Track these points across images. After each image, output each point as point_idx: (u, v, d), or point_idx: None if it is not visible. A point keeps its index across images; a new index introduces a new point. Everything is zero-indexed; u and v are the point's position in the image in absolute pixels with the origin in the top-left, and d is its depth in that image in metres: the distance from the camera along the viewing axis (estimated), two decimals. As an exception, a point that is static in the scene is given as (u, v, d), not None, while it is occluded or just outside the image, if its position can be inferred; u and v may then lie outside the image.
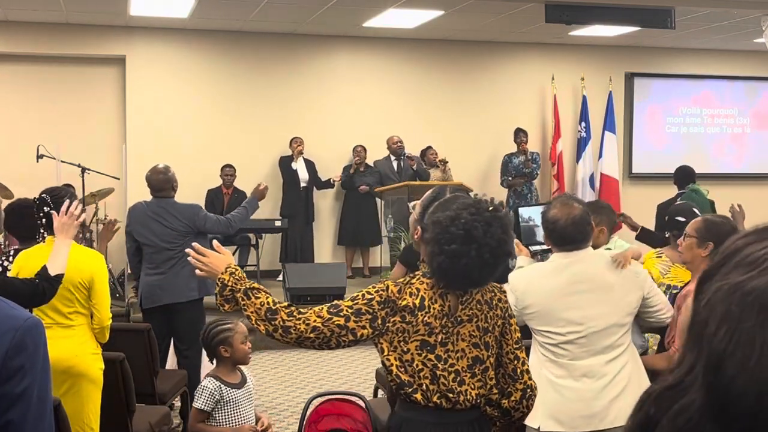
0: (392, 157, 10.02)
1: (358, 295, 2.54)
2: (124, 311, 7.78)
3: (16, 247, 4.21)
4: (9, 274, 3.83)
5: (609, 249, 4.18)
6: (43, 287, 3.29)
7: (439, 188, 2.76)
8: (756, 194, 11.56)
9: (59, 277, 3.37)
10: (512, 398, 2.65)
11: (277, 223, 9.47)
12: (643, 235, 5.79)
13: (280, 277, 9.26)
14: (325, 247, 10.56)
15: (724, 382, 0.70)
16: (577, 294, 3.28)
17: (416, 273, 2.59)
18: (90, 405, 3.79)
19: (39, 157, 8.54)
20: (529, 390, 2.65)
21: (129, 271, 7.23)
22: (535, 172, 10.26)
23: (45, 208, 3.83)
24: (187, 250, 2.68)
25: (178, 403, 5.45)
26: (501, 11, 9.16)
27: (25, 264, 3.69)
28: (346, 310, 2.49)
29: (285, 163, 10.07)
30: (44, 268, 3.34)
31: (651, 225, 6.60)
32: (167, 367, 5.60)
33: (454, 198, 2.58)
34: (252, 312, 2.50)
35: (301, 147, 10.03)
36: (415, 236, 2.69)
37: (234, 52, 10.35)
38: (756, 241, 0.74)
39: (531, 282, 3.39)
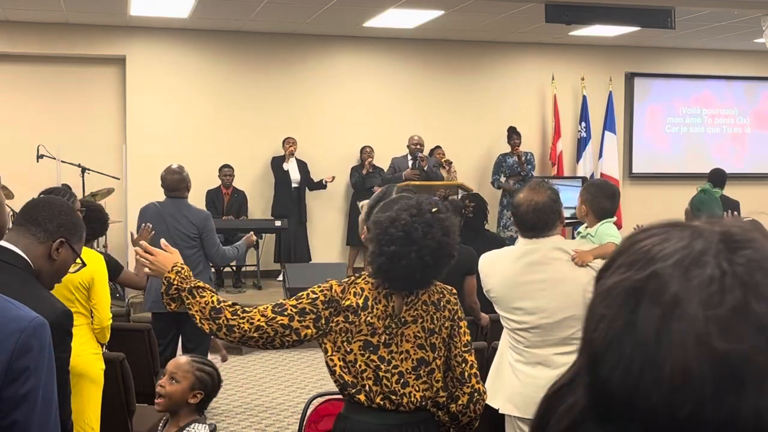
0: (409, 157, 10.00)
1: (302, 295, 2.52)
2: (124, 311, 7.78)
3: None
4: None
5: (591, 234, 4.13)
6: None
7: (386, 188, 2.76)
8: (756, 194, 11.57)
9: None
10: (459, 402, 2.60)
11: (278, 223, 9.47)
12: None
13: (280, 277, 9.26)
14: (321, 246, 10.54)
15: (599, 382, 0.71)
16: (530, 284, 3.20)
17: (362, 272, 2.58)
18: (91, 405, 3.79)
19: (39, 157, 8.55)
20: (476, 394, 2.60)
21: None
22: (530, 173, 10.24)
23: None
24: (135, 248, 2.69)
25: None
26: (501, 11, 9.16)
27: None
28: (290, 310, 2.48)
29: (277, 163, 10.07)
30: None
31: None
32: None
33: (397, 198, 2.57)
34: (197, 311, 2.50)
35: (293, 147, 10.00)
36: (362, 236, 2.68)
37: (234, 52, 10.35)
38: (643, 239, 0.74)
39: (493, 265, 3.35)
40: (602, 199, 4.13)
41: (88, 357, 3.82)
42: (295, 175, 10.03)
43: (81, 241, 2.50)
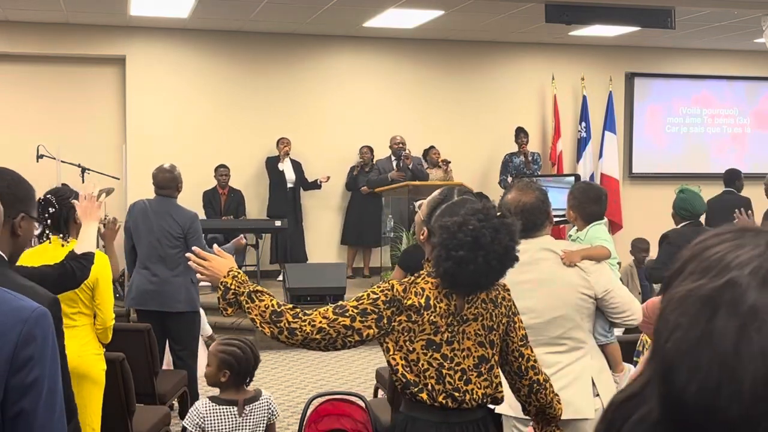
0: (393, 157, 10.02)
1: (363, 295, 2.53)
2: (124, 311, 7.77)
3: None
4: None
5: (579, 238, 4.14)
6: (72, 266, 3.24)
7: (446, 190, 2.74)
8: (756, 194, 11.55)
9: (89, 255, 3.32)
10: (521, 393, 2.69)
11: (277, 224, 9.46)
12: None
13: (280, 277, 9.26)
14: (317, 247, 10.53)
15: (675, 392, 0.69)
16: (519, 284, 3.15)
17: (421, 272, 2.58)
18: (92, 405, 3.80)
19: (39, 157, 8.54)
20: (536, 384, 2.67)
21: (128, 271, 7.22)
22: (536, 173, 10.25)
23: (50, 208, 3.83)
24: (188, 254, 2.67)
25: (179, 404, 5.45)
26: (501, 11, 9.16)
27: (29, 263, 3.69)
28: (352, 311, 2.48)
29: (272, 163, 10.06)
30: (72, 251, 3.32)
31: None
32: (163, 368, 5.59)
33: (462, 202, 2.57)
34: (256, 315, 2.49)
35: (287, 147, 9.99)
36: (422, 237, 2.68)
37: (234, 52, 10.35)
38: (714, 245, 0.72)
39: None
40: (587, 204, 4.14)
41: (89, 357, 3.82)
42: (290, 176, 10.02)
43: (35, 207, 2.46)
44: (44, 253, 3.69)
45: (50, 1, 8.70)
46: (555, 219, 3.41)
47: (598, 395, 3.19)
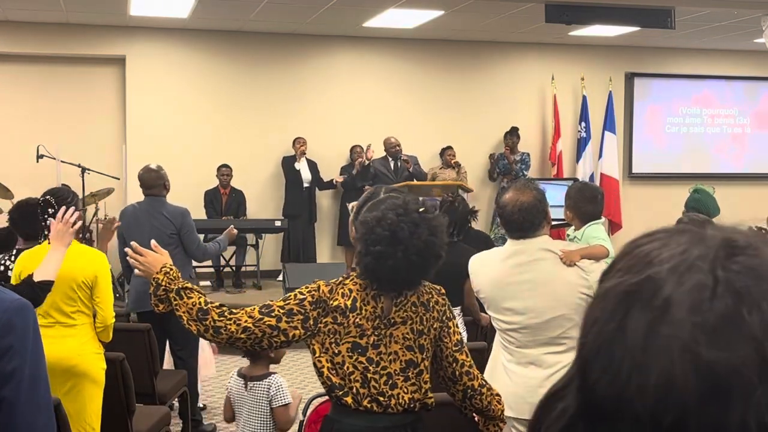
0: (390, 159, 10.02)
1: (290, 295, 2.51)
2: (124, 311, 7.77)
3: (19, 247, 4.22)
4: (11, 274, 3.84)
5: (577, 237, 4.15)
6: (20, 292, 3.26)
7: (375, 188, 2.75)
8: (756, 194, 11.58)
9: (46, 285, 3.25)
10: (456, 398, 2.65)
11: (277, 223, 9.47)
12: None
13: (280, 277, 9.26)
14: (326, 247, 10.56)
15: (588, 385, 0.69)
16: (518, 284, 3.21)
17: (351, 273, 2.56)
18: (92, 405, 3.80)
19: (39, 157, 8.54)
20: (470, 390, 2.62)
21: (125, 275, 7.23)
22: (520, 173, 10.23)
23: (49, 209, 3.84)
24: (126, 248, 2.68)
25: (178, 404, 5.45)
26: (501, 11, 9.16)
27: (27, 264, 3.69)
28: (278, 311, 2.47)
29: (288, 163, 10.08)
30: (30, 275, 3.27)
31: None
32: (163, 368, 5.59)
33: (384, 198, 2.56)
34: (184, 312, 2.50)
35: (303, 147, 10.03)
36: (351, 236, 2.68)
37: (234, 52, 10.36)
38: (644, 243, 0.73)
39: (482, 266, 3.36)
40: (583, 204, 4.15)
41: (89, 356, 3.82)
42: (306, 175, 10.05)
43: None
44: (42, 254, 3.69)
45: (50, 1, 8.70)
46: (553, 221, 3.42)
47: None
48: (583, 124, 11.28)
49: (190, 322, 2.48)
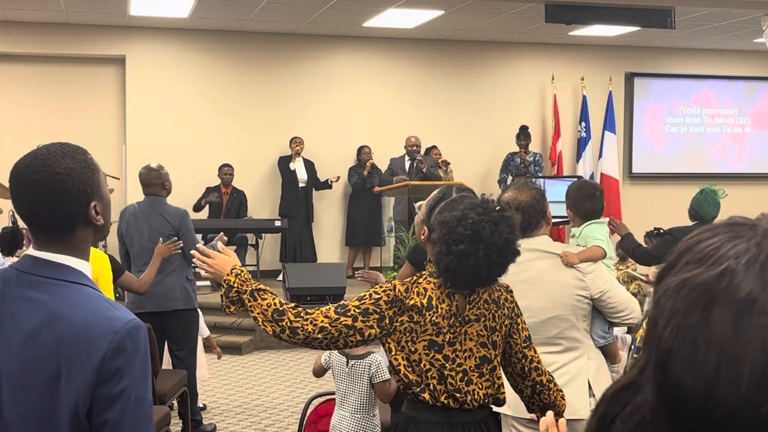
0: (407, 158, 10.01)
1: (365, 295, 2.53)
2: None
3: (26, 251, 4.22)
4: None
5: (574, 235, 4.15)
6: None
7: (445, 188, 2.75)
8: (756, 194, 11.57)
9: None
10: (524, 394, 2.70)
11: (277, 223, 9.47)
12: (625, 242, 5.58)
13: (280, 277, 9.26)
14: (325, 246, 10.56)
15: (671, 381, 0.70)
16: (515, 284, 3.15)
17: (423, 273, 2.58)
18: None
19: (39, 157, 8.54)
20: (539, 386, 2.67)
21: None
22: (535, 175, 10.23)
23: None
24: (192, 251, 2.68)
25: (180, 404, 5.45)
26: (501, 11, 9.16)
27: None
28: (354, 310, 2.48)
29: (284, 163, 10.07)
30: None
31: (651, 224, 6.57)
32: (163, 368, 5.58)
33: (460, 198, 2.58)
34: (259, 313, 2.49)
35: (300, 147, 10.02)
36: (422, 237, 2.68)
37: (234, 52, 10.36)
38: (708, 237, 0.74)
39: None
40: (582, 202, 4.14)
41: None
42: (302, 175, 10.04)
43: None
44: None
45: (50, 1, 8.71)
46: (555, 218, 3.42)
47: (594, 396, 3.19)
48: (583, 124, 11.29)
49: (266, 323, 2.48)
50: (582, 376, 3.19)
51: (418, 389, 2.50)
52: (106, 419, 1.51)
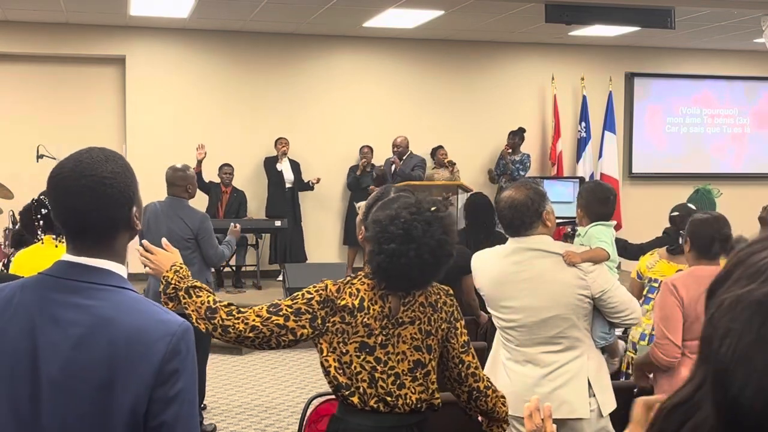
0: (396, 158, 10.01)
1: (298, 295, 2.52)
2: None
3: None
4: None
5: (580, 235, 4.16)
6: None
7: (384, 188, 2.75)
8: (756, 194, 11.56)
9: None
10: (461, 399, 2.65)
11: (277, 223, 9.46)
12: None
13: (280, 277, 9.26)
14: (317, 247, 10.51)
15: (730, 398, 0.69)
16: (515, 283, 3.21)
17: (358, 273, 2.56)
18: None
19: (39, 157, 8.54)
20: (475, 392, 2.62)
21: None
22: (516, 173, 10.20)
23: (42, 209, 3.84)
24: (136, 247, 2.66)
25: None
26: (501, 11, 9.16)
27: (26, 265, 3.69)
28: (286, 310, 2.47)
29: (270, 163, 10.06)
30: None
31: (651, 224, 6.59)
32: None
33: (396, 198, 2.56)
34: (193, 310, 2.50)
35: (285, 147, 9.99)
36: (360, 236, 2.67)
37: (234, 52, 10.35)
38: (760, 250, 0.73)
39: (483, 263, 3.38)
40: (594, 204, 4.14)
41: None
42: (288, 176, 10.02)
43: None
44: (37, 254, 3.69)
45: (50, 1, 8.70)
46: (559, 219, 3.42)
47: (594, 395, 3.19)
48: (583, 124, 11.29)
49: (199, 321, 2.48)
50: (582, 376, 3.19)
51: (348, 392, 2.46)
52: (163, 421, 1.52)
